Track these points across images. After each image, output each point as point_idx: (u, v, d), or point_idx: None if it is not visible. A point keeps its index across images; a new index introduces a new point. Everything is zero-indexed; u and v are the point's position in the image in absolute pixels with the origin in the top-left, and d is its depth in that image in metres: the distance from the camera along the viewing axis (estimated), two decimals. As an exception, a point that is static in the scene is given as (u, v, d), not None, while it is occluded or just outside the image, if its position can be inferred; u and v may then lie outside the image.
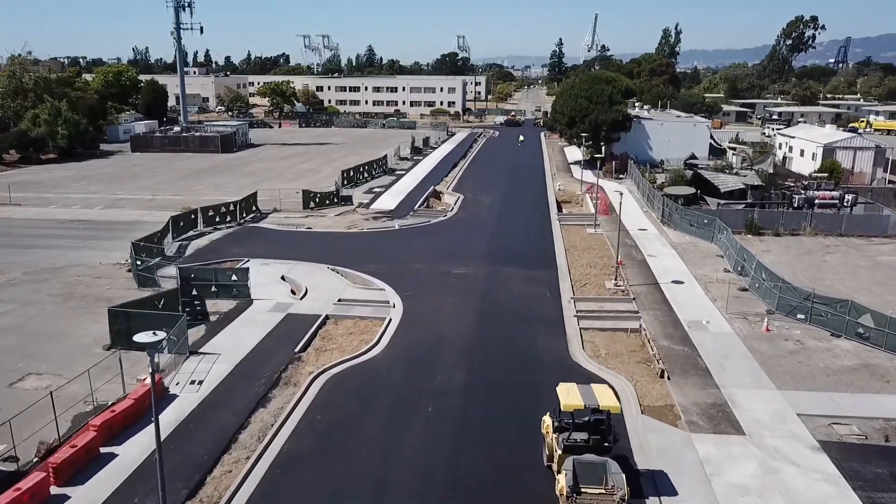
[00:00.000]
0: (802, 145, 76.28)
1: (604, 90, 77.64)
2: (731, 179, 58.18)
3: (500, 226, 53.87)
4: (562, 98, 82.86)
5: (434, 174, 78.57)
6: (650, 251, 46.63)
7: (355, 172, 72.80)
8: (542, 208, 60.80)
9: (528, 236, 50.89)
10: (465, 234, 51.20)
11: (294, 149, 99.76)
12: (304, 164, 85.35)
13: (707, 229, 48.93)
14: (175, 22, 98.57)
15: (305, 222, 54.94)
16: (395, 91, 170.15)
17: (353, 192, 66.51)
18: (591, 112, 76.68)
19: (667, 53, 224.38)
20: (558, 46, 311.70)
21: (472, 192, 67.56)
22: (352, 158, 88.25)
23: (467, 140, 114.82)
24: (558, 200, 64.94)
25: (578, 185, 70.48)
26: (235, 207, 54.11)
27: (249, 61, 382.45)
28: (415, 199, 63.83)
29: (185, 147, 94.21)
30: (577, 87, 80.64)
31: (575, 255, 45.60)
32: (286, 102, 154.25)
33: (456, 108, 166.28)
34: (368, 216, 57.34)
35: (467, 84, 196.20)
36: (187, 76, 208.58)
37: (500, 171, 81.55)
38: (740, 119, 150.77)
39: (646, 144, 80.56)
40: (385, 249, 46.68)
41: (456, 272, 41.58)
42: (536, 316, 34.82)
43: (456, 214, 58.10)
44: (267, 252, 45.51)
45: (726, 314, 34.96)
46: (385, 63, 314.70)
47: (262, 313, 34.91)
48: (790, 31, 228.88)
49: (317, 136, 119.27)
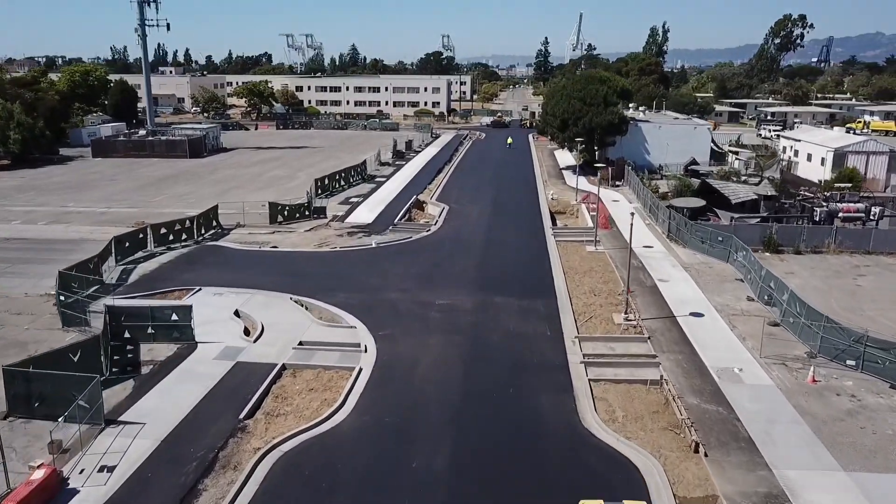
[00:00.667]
0: (810, 149, 71.08)
1: (598, 91, 72.03)
2: (743, 189, 52.70)
3: (489, 243, 48.01)
4: (553, 99, 77.19)
5: (417, 181, 72.62)
6: (660, 274, 40.95)
7: (331, 180, 66.65)
8: (534, 221, 55.05)
9: (521, 256, 45.07)
10: (450, 253, 45.29)
11: (268, 153, 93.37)
12: (276, 170, 79.05)
13: (722, 247, 43.36)
14: (139, 18, 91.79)
15: (272, 239, 48.86)
16: (377, 91, 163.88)
17: (327, 203, 60.40)
18: (585, 114, 71.05)
19: (654, 52, 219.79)
20: (544, 45, 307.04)
21: (458, 202, 61.68)
22: (329, 164, 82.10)
23: (452, 143, 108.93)
24: (552, 211, 59.24)
25: (573, 194, 64.82)
26: (192, 224, 47.85)
27: (231, 60, 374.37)
28: (395, 210, 57.86)
29: (151, 152, 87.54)
30: (569, 87, 75.00)
31: (575, 280, 39.83)
32: (264, 103, 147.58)
33: (441, 109, 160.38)
34: (343, 231, 51.29)
35: (452, 84, 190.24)
36: (162, 76, 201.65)
37: (488, 177, 75.74)
38: (732, 119, 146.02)
39: (643, 149, 75.08)
40: (359, 274, 40.68)
41: (440, 303, 35.67)
42: (536, 362, 29.00)
43: (440, 229, 52.17)
44: (223, 278, 39.39)
45: (760, 358, 29.32)
46: (368, 63, 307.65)
47: (207, 362, 28.84)
48: (778, 30, 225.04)
49: (294, 138, 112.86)
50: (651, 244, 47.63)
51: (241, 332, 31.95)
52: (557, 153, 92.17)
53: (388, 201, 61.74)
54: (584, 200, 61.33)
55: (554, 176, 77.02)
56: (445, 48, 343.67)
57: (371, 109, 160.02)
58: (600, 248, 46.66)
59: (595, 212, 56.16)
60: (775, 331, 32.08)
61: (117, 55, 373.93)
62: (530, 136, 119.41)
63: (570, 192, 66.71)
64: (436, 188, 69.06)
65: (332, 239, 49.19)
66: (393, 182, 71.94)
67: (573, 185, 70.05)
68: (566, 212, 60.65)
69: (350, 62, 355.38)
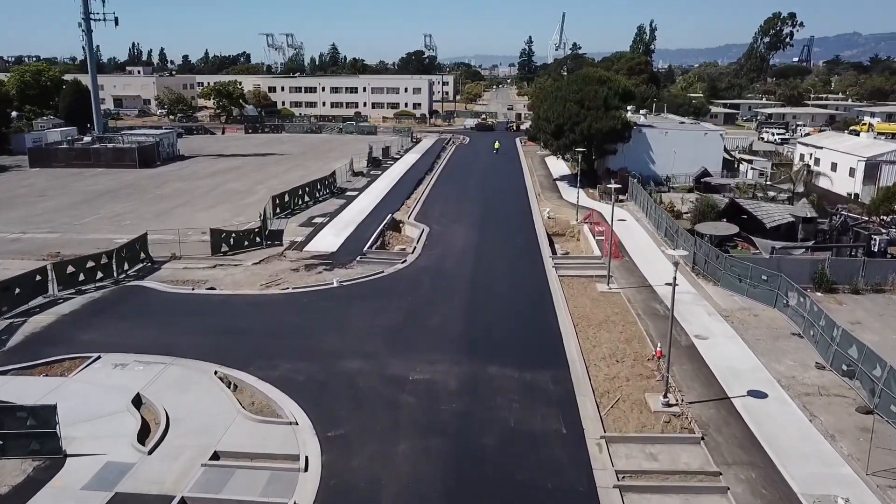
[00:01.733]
0: (835, 158, 62.78)
1: (597, 92, 63.24)
2: (777, 210, 44.11)
3: (477, 279, 38.93)
4: (545, 102, 68.28)
5: (394, 195, 63.42)
6: (695, 326, 32.10)
7: (292, 196, 57.18)
8: (529, 246, 46.10)
9: (518, 299, 36.05)
10: (429, 296, 36.16)
11: (229, 161, 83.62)
12: (234, 182, 69.45)
13: (766, 288, 34.66)
14: (83, 11, 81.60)
15: (211, 276, 39.50)
16: (354, 92, 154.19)
17: (286, 225, 51.17)
18: (582, 119, 62.21)
19: (641, 51, 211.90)
20: (528, 45, 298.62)
21: (441, 222, 52.62)
22: (295, 174, 72.67)
23: (434, 148, 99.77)
24: (549, 233, 50.36)
25: (571, 211, 55.98)
26: (111, 259, 38.33)
27: (207, 60, 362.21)
28: (366, 234, 48.63)
29: (96, 161, 77.54)
30: (564, 88, 66.13)
31: (589, 336, 30.89)
32: (233, 105, 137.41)
33: (422, 111, 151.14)
34: (300, 264, 42.00)
35: (434, 84, 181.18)
36: (129, 76, 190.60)
37: (474, 189, 66.71)
38: (728, 121, 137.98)
39: (647, 157, 66.42)
40: (312, 328, 31.46)
41: (414, 378, 26.53)
42: (550, 488, 20.00)
43: (419, 259, 43.02)
44: (134, 338, 30.05)
45: (868, 475, 20.54)
46: (347, 62, 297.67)
47: (72, 493, 19.58)
48: (768, 29, 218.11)
49: (262, 144, 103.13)
50: (675, 280, 38.78)
51: (136, 433, 22.65)
52: (549, 161, 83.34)
53: (359, 222, 52.46)
54: (585, 220, 52.49)
55: (548, 188, 68.10)
56: (427, 48, 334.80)
57: (349, 111, 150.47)
58: (614, 286, 37.76)
59: (601, 235, 47.38)
60: (871, 421, 23.30)
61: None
62: (518, 139, 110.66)
63: (569, 208, 57.84)
64: (415, 203, 59.90)
65: (285, 274, 39.89)
66: (366, 197, 62.63)
67: (571, 199, 61.26)
68: (565, 234, 51.78)
69: (330, 62, 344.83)
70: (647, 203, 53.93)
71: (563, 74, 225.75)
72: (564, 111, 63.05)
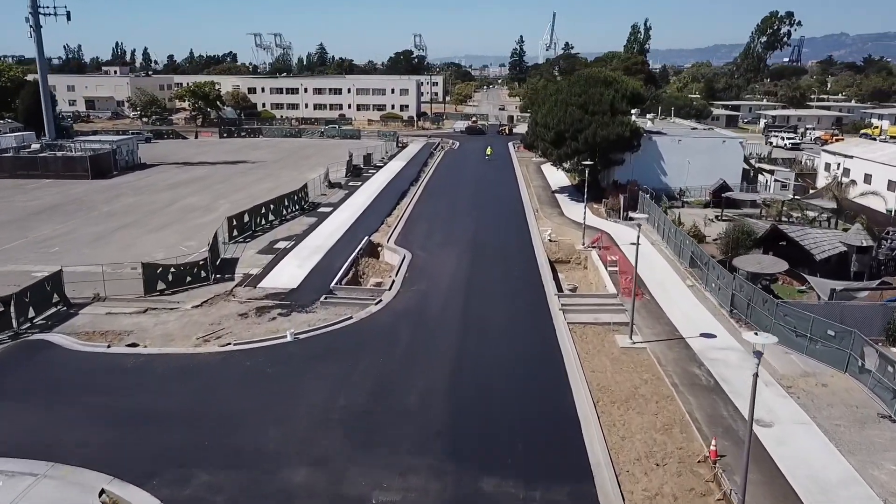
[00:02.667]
0: (869, 169, 55.51)
1: (603, 95, 55.69)
2: (826, 238, 36.69)
3: (467, 332, 31.22)
4: (544, 106, 60.59)
5: (373, 212, 55.71)
6: (756, 411, 24.51)
7: (254, 216, 49.30)
8: (530, 279, 38.49)
9: (520, 361, 28.33)
10: (407, 357, 28.43)
11: (194, 171, 75.53)
12: (195, 195, 61.44)
13: (832, 346, 27.20)
14: (31, 5, 73.40)
15: (139, 324, 31.72)
16: (339, 93, 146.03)
17: (243, 252, 43.35)
18: (586, 125, 54.63)
19: (636, 50, 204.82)
20: (519, 44, 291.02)
21: (425, 247, 44.97)
22: (264, 186, 64.83)
23: (421, 154, 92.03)
24: (551, 260, 42.78)
25: (575, 232, 48.46)
26: (7, 305, 30.40)
27: (192, 60, 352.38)
28: (336, 263, 40.84)
29: (45, 171, 69.36)
30: (565, 91, 58.45)
31: (615, 419, 23.30)
32: (210, 107, 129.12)
33: (410, 113, 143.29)
34: (250, 307, 34.22)
35: (422, 84, 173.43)
36: (103, 76, 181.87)
37: (464, 204, 59.04)
38: (731, 124, 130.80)
39: (658, 168, 58.95)
40: (249, 413, 23.67)
41: (381, 502, 18.88)
42: None
43: (396, 299, 35.29)
44: (5, 429, 22.26)
45: None
46: (334, 62, 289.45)
47: None
48: (765, 28, 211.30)
49: (235, 150, 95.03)
50: (711, 330, 31.29)
51: None
52: (546, 169, 75.78)
53: (329, 247, 44.67)
54: (593, 244, 44.93)
55: (546, 202, 60.47)
56: (417, 48, 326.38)
57: (332, 113, 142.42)
58: (637, 338, 30.18)
59: (613, 265, 39.87)
60: None
61: (71, 55, 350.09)
62: (511, 144, 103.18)
63: (572, 228, 50.27)
64: (397, 222, 52.18)
65: (230, 322, 32.10)
66: (341, 214, 54.81)
67: (573, 216, 53.77)
68: (570, 260, 44.21)
69: (318, 62, 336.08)
70: (663, 223, 46.42)
71: (555, 75, 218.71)
72: (566, 117, 55.46)
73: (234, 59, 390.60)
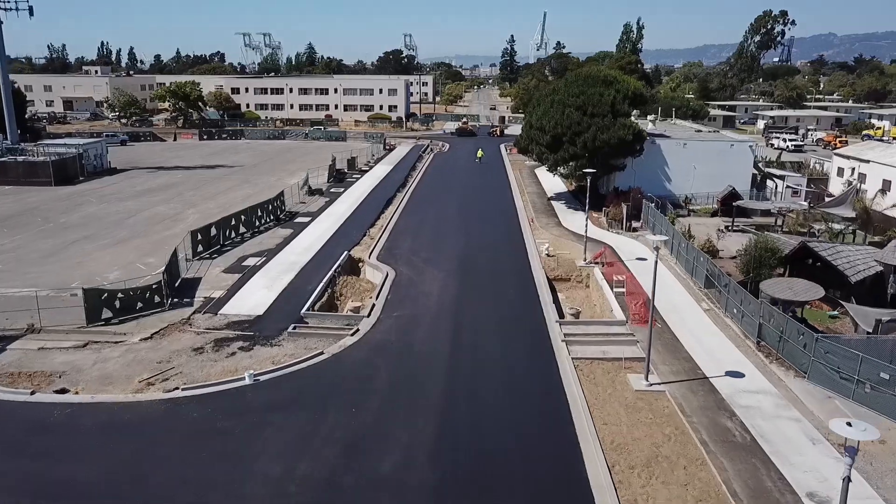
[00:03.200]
0: (889, 174, 51.50)
1: (603, 96, 51.43)
2: (859, 256, 32.49)
3: (456, 371, 26.79)
4: (539, 107, 56.22)
5: (354, 222, 51.28)
6: (799, 470, 20.19)
7: (222, 229, 44.67)
8: (527, 301, 34.16)
9: (518, 408, 23.91)
10: (384, 407, 23.94)
11: (168, 176, 70.74)
12: (164, 204, 56.73)
13: (888, 392, 22.98)
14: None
15: (76, 362, 27.19)
16: (325, 93, 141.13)
17: (208, 270, 38.82)
18: (585, 128, 50.36)
19: (629, 50, 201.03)
20: (510, 44, 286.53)
21: (410, 263, 40.59)
22: (239, 193, 60.26)
23: (409, 157, 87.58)
24: (550, 278, 38.47)
25: (574, 244, 44.22)
26: (-82, 343, 25.81)
27: (179, 60, 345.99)
28: (310, 283, 36.38)
29: (4, 177, 64.42)
30: (562, 91, 54.11)
31: (636, 491, 18.98)
32: (191, 108, 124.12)
33: (398, 113, 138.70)
34: (208, 338, 29.70)
35: (412, 84, 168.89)
36: (83, 76, 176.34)
37: (454, 213, 54.69)
38: (727, 124, 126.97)
39: (661, 173, 54.80)
40: (188, 483, 19.20)
41: None
42: None
43: (375, 328, 30.83)
44: None
45: None
46: (321, 61, 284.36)
47: None
48: (758, 27, 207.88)
49: (214, 153, 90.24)
50: (738, 367, 27.01)
51: None
52: (541, 174, 71.51)
53: (303, 264, 40.19)
54: (596, 260, 40.66)
55: (542, 210, 56.14)
56: (408, 47, 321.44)
57: (319, 114, 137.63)
58: (654, 378, 25.88)
59: (620, 285, 35.68)
60: None
61: (55, 54, 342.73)
62: (503, 146, 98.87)
63: (570, 240, 46.01)
64: (380, 234, 47.75)
65: (181, 359, 27.59)
66: (320, 225, 50.31)
67: (571, 227, 49.58)
68: (570, 279, 39.88)
69: (307, 61, 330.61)
70: (671, 235, 42.19)
71: (547, 75, 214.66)
72: (563, 119, 51.16)
73: (221, 58, 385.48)
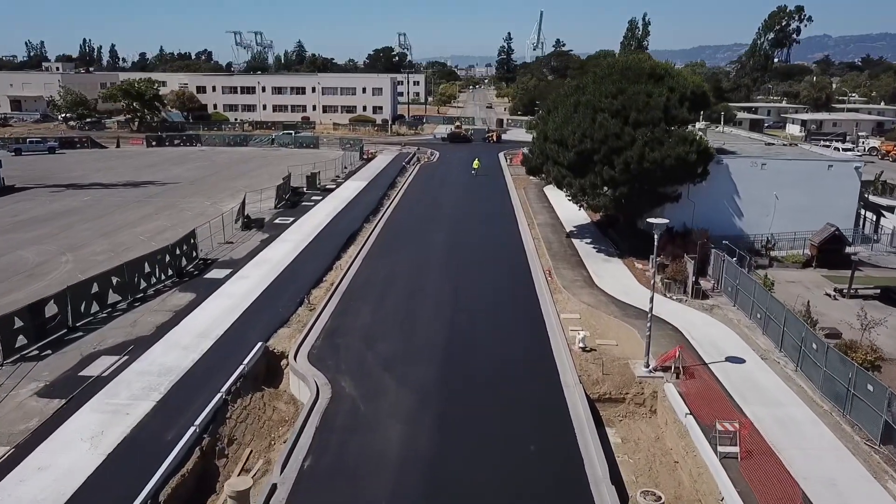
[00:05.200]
0: None
1: (652, 96, 35.31)
2: None
3: None
4: (558, 112, 39.83)
5: (291, 278, 35.04)
6: None
7: (79, 300, 28.26)
8: (561, 464, 18.12)
9: None
10: None
11: (69, 200, 54.13)
12: (33, 245, 40.21)
13: None
14: None
15: None
16: (302, 93, 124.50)
17: (17, 385, 22.62)
18: (628, 143, 34.26)
19: (634, 48, 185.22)
20: (507, 42, 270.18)
21: (361, 370, 24.61)
22: (148, 227, 44.02)
23: (390, 170, 71.44)
24: (591, 397, 22.46)
25: (621, 321, 28.19)
26: None
27: (162, 57, 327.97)
28: (180, 417, 20.24)
29: None
30: (591, 89, 37.87)
31: None
32: (147, 108, 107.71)
33: (385, 115, 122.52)
34: None
35: (400, 83, 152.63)
36: (31, 73, 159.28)
37: (438, 258, 38.58)
38: (755, 128, 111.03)
39: (729, 206, 38.66)
40: None
41: None
42: None
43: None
44: None
45: None
46: (307, 59, 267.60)
47: None
48: (772, 24, 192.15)
49: (152, 165, 73.84)
50: None
51: None
52: (551, 192, 55.41)
53: (184, 371, 23.92)
54: (664, 363, 24.56)
55: (561, 255, 39.81)
56: (402, 46, 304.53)
57: (295, 116, 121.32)
58: None
59: (730, 435, 19.63)
60: None
61: (33, 51, 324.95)
62: (502, 156, 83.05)
63: (612, 309, 29.87)
64: (325, 299, 31.56)
65: None
66: (238, 284, 33.90)
67: (610, 285, 33.43)
68: (625, 399, 23.81)
69: (296, 60, 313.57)
70: (768, 309, 26.16)
71: (546, 74, 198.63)
72: (595, 129, 34.98)
73: (209, 57, 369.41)
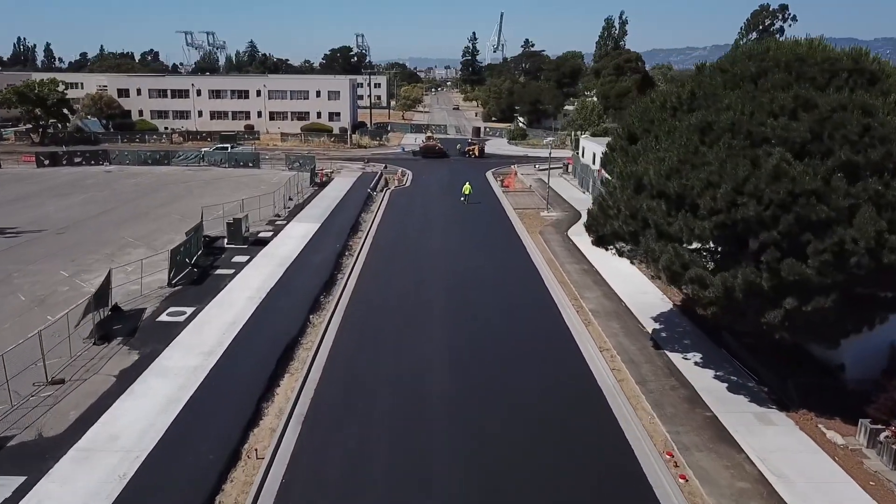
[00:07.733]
0: None
1: (873, 114, 17.99)
2: None
3: None
4: (659, 140, 22.08)
5: (172, 466, 16.65)
6: None
7: None
8: None
9: None
10: None
11: None
12: None
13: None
14: None
15: None
16: (245, 97, 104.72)
17: None
18: (840, 209, 16.88)
19: (611, 47, 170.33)
20: (471, 42, 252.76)
21: None
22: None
23: (351, 201, 53.15)
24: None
25: None
26: None
27: (102, 58, 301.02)
28: None
29: None
30: (739, 105, 20.10)
31: None
32: (51, 115, 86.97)
33: (342, 123, 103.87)
34: None
35: (360, 86, 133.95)
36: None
37: (436, 421, 20.65)
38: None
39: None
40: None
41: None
42: None
43: None
44: None
45: None
46: (258, 60, 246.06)
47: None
48: (755, 24, 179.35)
49: (26, 195, 53.99)
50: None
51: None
52: (578, 239, 37.45)
53: None
54: None
55: (670, 400, 22.17)
56: (359, 48, 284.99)
57: (238, 123, 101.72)
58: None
59: None
60: None
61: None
62: (489, 174, 65.89)
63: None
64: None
65: None
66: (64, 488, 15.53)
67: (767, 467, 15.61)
68: None
69: (247, 60, 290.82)
70: None
71: (517, 78, 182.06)
72: (763, 179, 17.43)
73: (155, 57, 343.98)
